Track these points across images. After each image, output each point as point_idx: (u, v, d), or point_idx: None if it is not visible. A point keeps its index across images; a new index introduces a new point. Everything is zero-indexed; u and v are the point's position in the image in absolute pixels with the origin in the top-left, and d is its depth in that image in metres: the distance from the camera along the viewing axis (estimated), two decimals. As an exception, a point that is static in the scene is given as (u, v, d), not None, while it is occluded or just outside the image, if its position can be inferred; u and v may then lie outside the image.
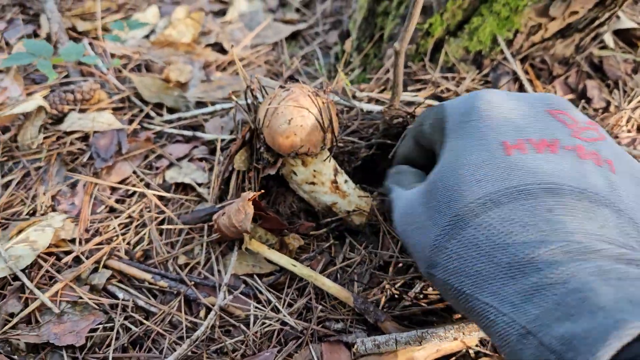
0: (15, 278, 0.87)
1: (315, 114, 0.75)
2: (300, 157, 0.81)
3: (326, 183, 0.85)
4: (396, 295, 0.81)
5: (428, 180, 0.61)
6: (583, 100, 1.14)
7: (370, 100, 1.05)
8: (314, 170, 0.84)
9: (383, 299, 0.81)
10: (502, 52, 1.12)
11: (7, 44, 1.38)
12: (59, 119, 1.13)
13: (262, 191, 0.88)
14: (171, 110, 1.19)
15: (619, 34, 1.31)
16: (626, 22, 1.30)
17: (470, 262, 0.51)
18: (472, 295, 0.51)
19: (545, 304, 0.44)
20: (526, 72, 1.17)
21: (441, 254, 0.54)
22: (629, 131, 1.10)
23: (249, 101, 0.87)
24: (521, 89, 1.14)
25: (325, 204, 0.87)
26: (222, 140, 1.07)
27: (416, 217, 0.60)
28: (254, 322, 0.82)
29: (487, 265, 0.50)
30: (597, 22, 1.10)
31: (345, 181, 0.88)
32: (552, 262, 0.46)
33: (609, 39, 1.27)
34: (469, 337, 0.70)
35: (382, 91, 1.07)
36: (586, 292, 0.42)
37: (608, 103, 1.14)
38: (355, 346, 0.72)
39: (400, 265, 0.85)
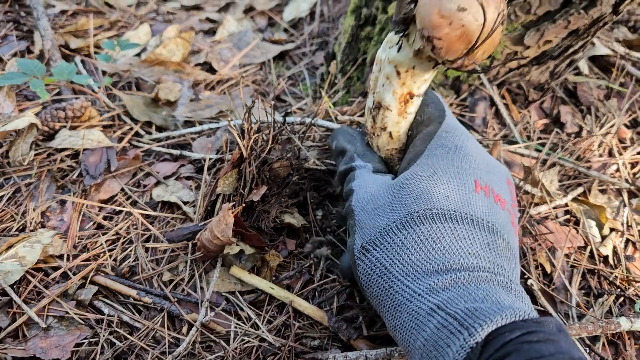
0: (4, 293, 0.89)
1: None
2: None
3: None
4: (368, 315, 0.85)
5: (403, 177, 0.70)
6: (557, 125, 1.19)
7: (352, 123, 1.09)
8: None
9: (358, 318, 0.85)
10: (479, 77, 1.16)
11: (0, 59, 1.41)
12: (50, 136, 1.17)
13: (243, 205, 0.91)
14: (160, 129, 1.23)
15: (594, 60, 1.36)
16: (601, 49, 1.35)
17: (410, 253, 0.62)
18: (398, 278, 0.61)
19: (455, 293, 0.56)
20: (503, 97, 1.21)
21: (387, 238, 0.64)
22: (600, 155, 1.15)
23: (244, 123, 0.90)
24: (498, 113, 1.19)
25: None
26: (210, 159, 1.10)
27: (379, 200, 0.70)
28: (234, 338, 0.85)
29: (422, 259, 0.61)
30: (571, 50, 1.15)
31: None
32: (468, 267, 0.59)
33: (583, 65, 1.32)
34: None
35: (363, 114, 1.11)
36: (489, 291, 0.55)
37: (581, 128, 1.19)
38: (329, 362, 0.76)
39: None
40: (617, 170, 1.12)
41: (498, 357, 0.47)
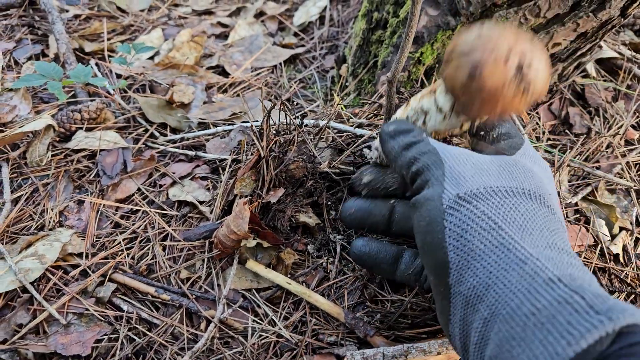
0: (25, 290, 0.91)
1: None
2: None
3: None
4: (383, 306, 0.86)
5: (509, 157, 0.67)
6: (565, 127, 1.21)
7: (363, 125, 1.10)
8: None
9: (371, 308, 0.86)
10: (489, 80, 1.18)
11: (16, 62, 1.43)
12: (67, 137, 1.19)
13: (259, 201, 0.93)
14: (174, 130, 1.25)
15: (601, 62, 1.38)
16: (608, 52, 1.37)
17: (526, 220, 0.59)
18: (512, 237, 0.57)
19: (575, 271, 0.53)
20: (512, 99, 1.23)
21: (497, 197, 0.60)
22: (608, 157, 1.16)
23: (262, 125, 0.92)
24: (507, 114, 1.20)
25: None
26: (224, 160, 1.12)
27: (483, 164, 0.64)
28: (252, 335, 0.86)
29: (538, 230, 0.59)
30: (579, 53, 1.16)
31: None
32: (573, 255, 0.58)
33: (591, 67, 1.34)
34: (453, 351, 0.75)
35: (375, 116, 1.12)
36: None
37: (589, 129, 1.21)
38: (345, 359, 0.77)
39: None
40: (624, 169, 1.14)
41: (629, 353, 0.44)
